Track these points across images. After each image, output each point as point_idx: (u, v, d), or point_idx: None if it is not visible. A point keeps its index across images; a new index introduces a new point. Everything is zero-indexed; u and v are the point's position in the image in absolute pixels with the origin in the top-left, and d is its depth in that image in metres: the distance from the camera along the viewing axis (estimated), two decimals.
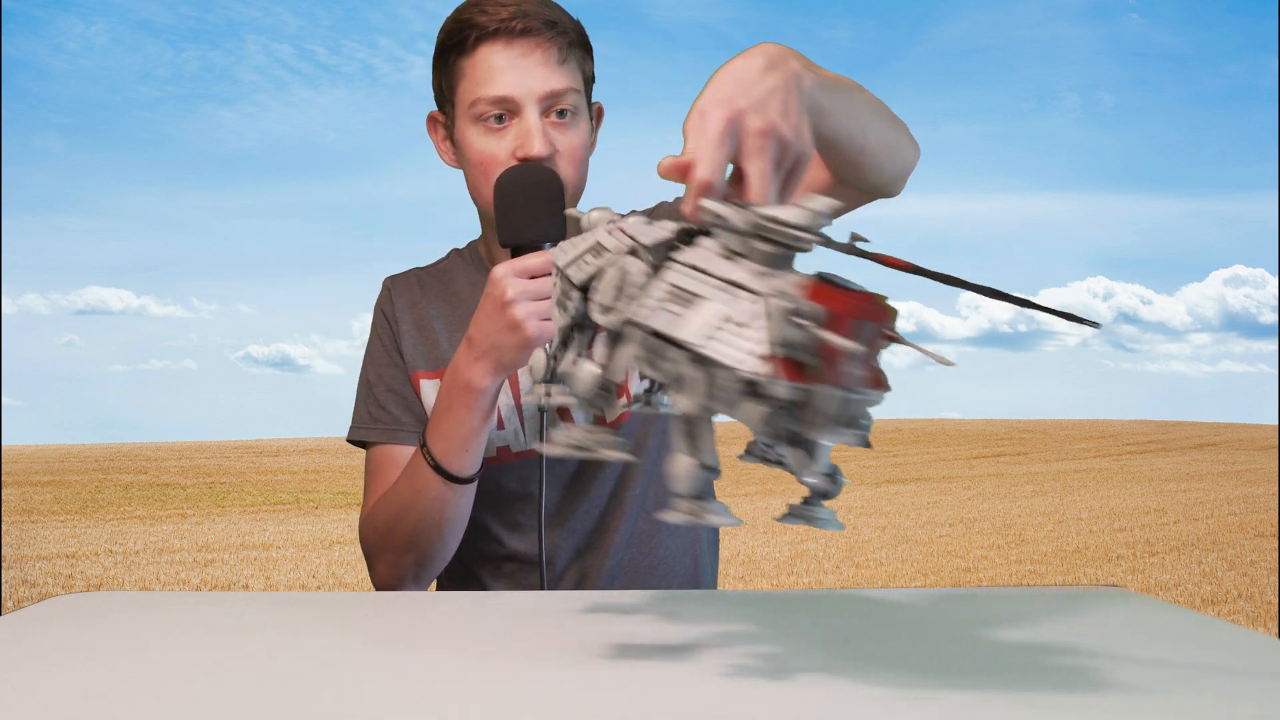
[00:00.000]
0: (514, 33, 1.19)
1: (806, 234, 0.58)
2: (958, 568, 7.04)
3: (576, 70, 1.23)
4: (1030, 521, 9.61)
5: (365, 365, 1.34)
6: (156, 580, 6.82)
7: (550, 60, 1.20)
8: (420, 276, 1.37)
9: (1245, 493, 11.79)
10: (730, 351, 0.56)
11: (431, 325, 1.32)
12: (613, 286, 0.65)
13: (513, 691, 0.60)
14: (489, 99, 1.19)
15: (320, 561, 7.55)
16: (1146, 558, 7.50)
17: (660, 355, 0.61)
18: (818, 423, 0.55)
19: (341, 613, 0.86)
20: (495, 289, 1.08)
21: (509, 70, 1.19)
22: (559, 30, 1.21)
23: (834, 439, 0.56)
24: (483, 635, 0.75)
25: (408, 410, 1.30)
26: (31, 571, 7.03)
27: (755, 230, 0.60)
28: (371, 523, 1.24)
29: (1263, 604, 5.84)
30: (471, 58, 1.21)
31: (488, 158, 1.21)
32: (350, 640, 0.75)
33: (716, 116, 0.71)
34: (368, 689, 0.61)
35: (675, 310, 0.60)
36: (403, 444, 1.28)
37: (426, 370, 1.30)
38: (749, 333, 0.56)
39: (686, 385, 0.59)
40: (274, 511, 11.41)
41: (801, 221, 0.58)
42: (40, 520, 10.39)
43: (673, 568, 1.29)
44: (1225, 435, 23.25)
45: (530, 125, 1.18)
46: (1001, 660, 0.67)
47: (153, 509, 11.60)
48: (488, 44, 1.20)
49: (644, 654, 0.69)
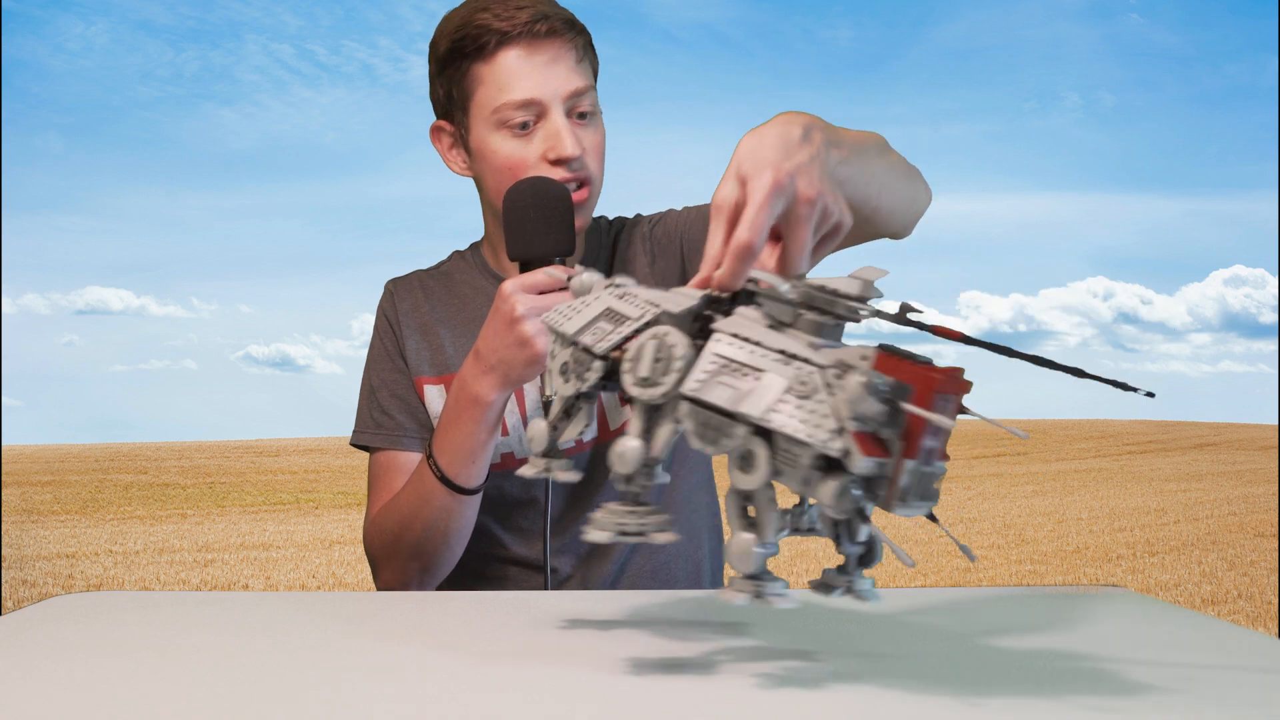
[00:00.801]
0: (537, 35, 1.19)
1: (861, 305, 0.58)
2: (958, 568, 7.04)
3: (589, 68, 1.24)
4: (1030, 521, 9.61)
5: (368, 369, 1.34)
6: (156, 580, 6.82)
7: (571, 61, 1.21)
8: (423, 279, 1.36)
9: (1245, 493, 11.78)
10: (801, 426, 0.55)
11: (435, 330, 1.32)
12: (652, 358, 0.63)
13: (513, 691, 0.60)
14: (515, 104, 1.18)
15: (320, 561, 7.54)
16: (1146, 558, 7.49)
17: (719, 431, 0.59)
18: (895, 497, 0.55)
19: (341, 613, 0.86)
20: (505, 304, 1.08)
21: (534, 74, 1.19)
22: (577, 30, 1.21)
23: (910, 513, 0.56)
24: (483, 635, 0.75)
25: (411, 416, 1.30)
26: (31, 571, 7.03)
27: (807, 301, 0.59)
28: (377, 530, 1.24)
29: (1263, 604, 5.83)
30: (491, 63, 1.20)
31: (516, 162, 1.20)
32: (350, 640, 0.75)
33: (765, 178, 0.69)
34: (368, 689, 0.61)
35: (730, 383, 0.59)
36: (406, 450, 1.29)
37: (431, 375, 1.30)
38: (815, 405, 0.55)
39: (751, 462, 0.58)
40: (274, 511, 11.40)
41: (856, 292, 0.58)
42: (40, 520, 10.38)
43: (675, 574, 1.29)
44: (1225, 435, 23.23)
45: (559, 126, 1.18)
46: (1001, 660, 0.67)
47: (153, 509, 11.59)
48: (509, 48, 1.19)
49: (644, 654, 0.69)
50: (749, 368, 0.59)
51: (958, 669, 0.65)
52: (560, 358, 0.71)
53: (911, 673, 0.63)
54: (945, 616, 0.83)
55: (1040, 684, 0.61)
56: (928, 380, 0.55)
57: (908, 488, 0.55)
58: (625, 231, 1.35)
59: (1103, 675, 0.63)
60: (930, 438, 0.55)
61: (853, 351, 0.56)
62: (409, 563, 1.21)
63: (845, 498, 0.55)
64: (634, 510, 0.63)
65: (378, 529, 1.24)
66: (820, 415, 0.55)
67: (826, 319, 0.59)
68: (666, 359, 0.62)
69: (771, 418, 0.56)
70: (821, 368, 0.56)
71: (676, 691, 0.60)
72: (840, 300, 0.59)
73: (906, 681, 0.61)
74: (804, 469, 0.55)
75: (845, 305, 0.59)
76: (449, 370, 1.30)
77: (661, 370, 0.62)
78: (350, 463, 16.45)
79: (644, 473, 0.64)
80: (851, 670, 0.64)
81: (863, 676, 0.62)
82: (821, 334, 0.59)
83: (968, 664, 0.66)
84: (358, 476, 4.13)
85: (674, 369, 0.62)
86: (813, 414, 0.55)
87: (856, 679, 0.61)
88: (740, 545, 0.58)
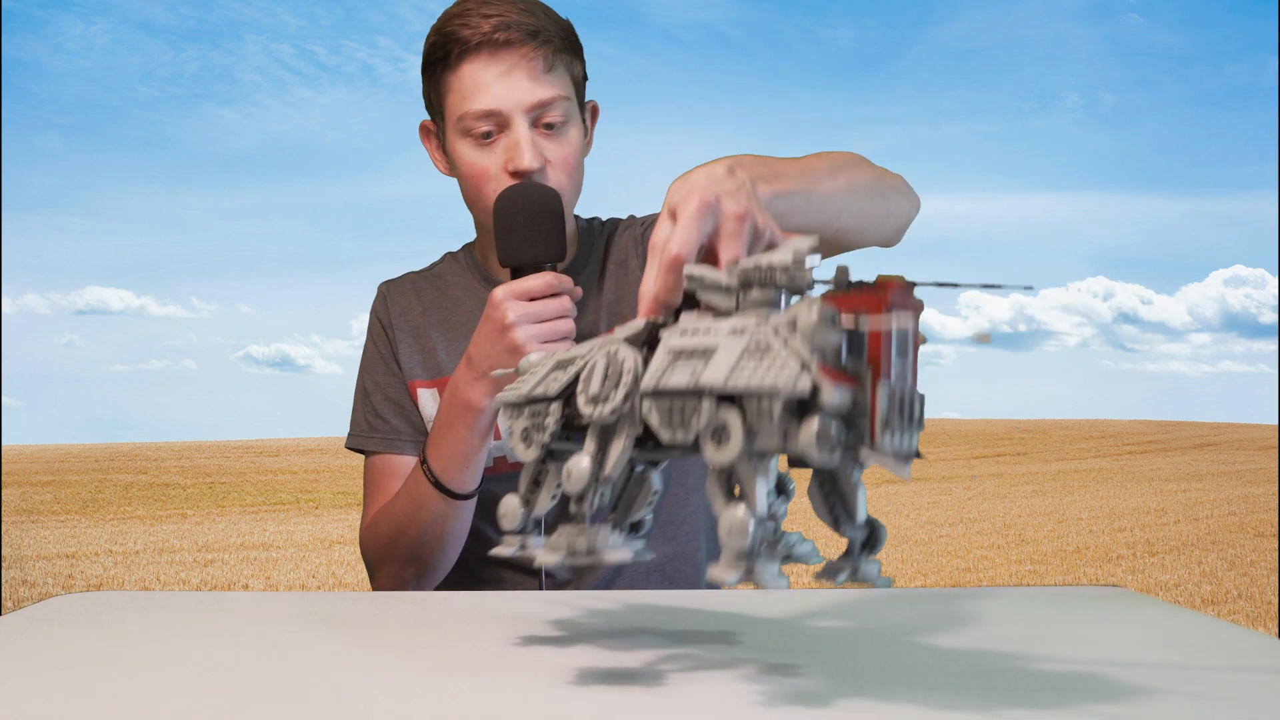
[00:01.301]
0: (497, 45, 1.18)
1: (798, 271, 0.57)
2: (958, 568, 7.04)
3: (564, 76, 1.22)
4: (1030, 521, 9.61)
5: (362, 372, 1.34)
6: (156, 580, 6.82)
7: (536, 71, 1.18)
8: (415, 282, 1.36)
9: (1245, 493, 11.78)
10: (765, 377, 0.53)
11: (428, 333, 1.32)
12: (601, 375, 0.61)
13: (512, 691, 0.60)
14: (475, 113, 1.18)
15: (320, 561, 7.54)
16: (1146, 558, 7.50)
17: (684, 413, 0.57)
18: (880, 426, 0.53)
19: (341, 613, 0.86)
20: (496, 312, 1.08)
21: (495, 84, 1.18)
22: (543, 39, 1.19)
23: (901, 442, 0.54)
24: (483, 634, 0.75)
25: (405, 419, 1.30)
26: (31, 571, 7.03)
27: (745, 281, 0.58)
28: (373, 534, 1.25)
29: (1263, 604, 5.84)
30: (456, 72, 1.20)
31: (479, 171, 1.20)
32: (350, 640, 0.75)
33: (691, 201, 0.69)
34: (368, 689, 0.61)
35: (686, 367, 0.57)
36: (401, 454, 1.29)
37: (424, 379, 1.30)
38: (773, 357, 0.54)
39: (725, 432, 0.55)
40: (274, 511, 11.41)
41: (790, 260, 0.57)
42: (40, 520, 10.38)
43: (671, 575, 1.29)
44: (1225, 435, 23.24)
45: (519, 138, 1.17)
46: (1001, 660, 0.67)
47: (153, 509, 11.59)
48: (471, 58, 1.19)
49: (643, 654, 0.69)
50: (702, 350, 0.58)
51: (957, 669, 0.65)
52: (519, 426, 0.69)
53: (911, 672, 0.63)
54: (945, 616, 0.83)
55: (1040, 684, 0.61)
56: (879, 297, 0.53)
57: (889, 413, 0.53)
58: (618, 234, 1.35)
59: (1103, 675, 0.63)
60: (899, 355, 0.53)
61: (798, 305, 0.55)
62: (405, 567, 1.21)
63: (827, 438, 0.53)
64: (585, 531, 0.60)
65: (373, 533, 1.25)
66: (781, 363, 0.53)
67: (768, 292, 0.58)
68: (616, 373, 0.61)
69: (734, 380, 0.54)
70: (775, 328, 0.55)
71: (676, 691, 0.60)
72: (777, 270, 0.58)
73: (905, 681, 0.61)
74: (778, 422, 0.53)
75: (782, 274, 0.57)
76: (442, 374, 1.30)
77: (612, 385, 0.61)
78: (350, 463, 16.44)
79: (596, 492, 0.62)
80: (849, 669, 0.64)
81: (861, 675, 0.62)
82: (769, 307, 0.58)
83: (967, 664, 0.66)
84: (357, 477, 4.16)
85: (624, 382, 0.60)
86: (773, 364, 0.53)
87: (855, 678, 0.61)
88: (732, 520, 0.54)
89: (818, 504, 0.61)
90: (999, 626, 0.79)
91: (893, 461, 0.53)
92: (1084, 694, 0.59)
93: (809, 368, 0.52)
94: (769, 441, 0.54)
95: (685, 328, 0.60)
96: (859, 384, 0.53)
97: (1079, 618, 0.84)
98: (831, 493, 0.59)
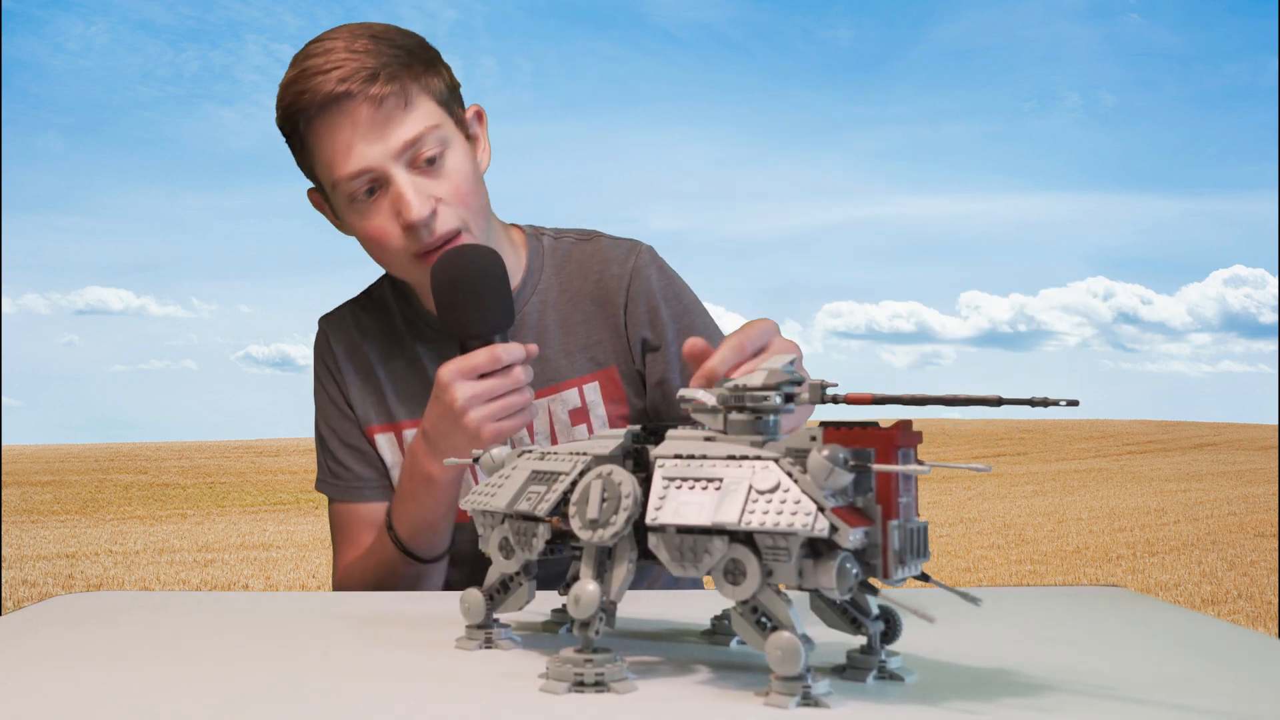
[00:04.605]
0: (341, 100, 1.09)
1: (775, 392, 0.59)
2: (958, 568, 7.04)
3: (426, 102, 1.13)
4: (1030, 521, 9.60)
5: (318, 417, 1.30)
6: (156, 580, 6.82)
7: (392, 112, 1.10)
8: (355, 313, 1.31)
9: (1245, 493, 11.78)
10: (781, 518, 0.54)
11: (375, 374, 1.27)
12: (599, 499, 0.61)
13: (511, 692, 0.60)
14: (347, 176, 1.11)
15: (320, 561, 7.54)
16: (1146, 558, 7.49)
17: (697, 550, 0.57)
18: (892, 562, 0.55)
19: (341, 613, 0.86)
20: (445, 395, 1.05)
21: (355, 143, 1.10)
22: (387, 76, 1.10)
23: (910, 574, 0.56)
24: None
25: (368, 464, 1.27)
26: (31, 571, 7.03)
27: (728, 403, 0.60)
28: (348, 585, 1.23)
29: (1263, 604, 5.83)
30: (313, 140, 1.12)
31: (377, 233, 1.14)
32: (349, 640, 0.75)
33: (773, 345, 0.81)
34: (368, 689, 0.61)
35: (692, 500, 0.58)
36: (366, 501, 1.26)
37: (379, 424, 1.27)
38: (784, 494, 0.55)
39: (741, 570, 0.56)
40: (274, 511, 11.40)
41: (762, 383, 0.59)
42: (40, 520, 10.38)
43: (677, 579, 1.29)
44: (1225, 435, 23.23)
45: (401, 190, 1.10)
46: (1001, 660, 0.67)
47: (153, 509, 11.59)
48: (319, 122, 1.11)
49: (643, 653, 0.69)
50: (704, 480, 0.58)
51: (957, 669, 0.65)
52: (496, 536, 0.69)
53: (910, 672, 0.63)
54: (944, 616, 0.83)
55: (1040, 684, 0.61)
56: (887, 438, 0.56)
57: (901, 549, 0.56)
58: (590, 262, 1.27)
59: (1103, 675, 0.63)
60: (904, 494, 0.56)
61: (798, 436, 0.57)
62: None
63: (846, 577, 0.55)
64: (591, 659, 0.59)
65: (347, 586, 1.23)
66: (793, 502, 0.55)
67: (750, 416, 0.59)
68: (615, 497, 0.60)
69: (749, 519, 0.55)
70: (775, 459, 0.57)
71: (676, 691, 0.60)
72: (755, 393, 0.59)
73: (905, 681, 0.61)
74: (795, 561, 0.55)
75: (761, 397, 0.59)
76: (394, 419, 1.27)
77: (611, 509, 0.60)
78: None
79: (602, 618, 0.61)
80: (849, 668, 0.64)
81: (860, 675, 0.62)
82: (755, 431, 0.59)
83: (967, 664, 0.66)
84: None
85: (624, 507, 0.60)
86: (785, 504, 0.55)
87: (853, 677, 0.61)
88: (781, 645, 0.55)
89: (829, 617, 0.62)
90: (999, 626, 0.79)
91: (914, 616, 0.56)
92: (1084, 694, 0.59)
93: (824, 510, 0.54)
94: (786, 579, 0.56)
95: (679, 451, 0.60)
96: (871, 523, 0.55)
97: (1079, 618, 0.84)
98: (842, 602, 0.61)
